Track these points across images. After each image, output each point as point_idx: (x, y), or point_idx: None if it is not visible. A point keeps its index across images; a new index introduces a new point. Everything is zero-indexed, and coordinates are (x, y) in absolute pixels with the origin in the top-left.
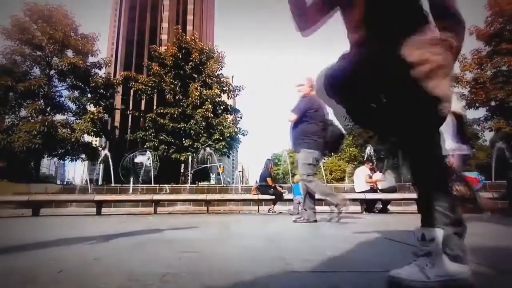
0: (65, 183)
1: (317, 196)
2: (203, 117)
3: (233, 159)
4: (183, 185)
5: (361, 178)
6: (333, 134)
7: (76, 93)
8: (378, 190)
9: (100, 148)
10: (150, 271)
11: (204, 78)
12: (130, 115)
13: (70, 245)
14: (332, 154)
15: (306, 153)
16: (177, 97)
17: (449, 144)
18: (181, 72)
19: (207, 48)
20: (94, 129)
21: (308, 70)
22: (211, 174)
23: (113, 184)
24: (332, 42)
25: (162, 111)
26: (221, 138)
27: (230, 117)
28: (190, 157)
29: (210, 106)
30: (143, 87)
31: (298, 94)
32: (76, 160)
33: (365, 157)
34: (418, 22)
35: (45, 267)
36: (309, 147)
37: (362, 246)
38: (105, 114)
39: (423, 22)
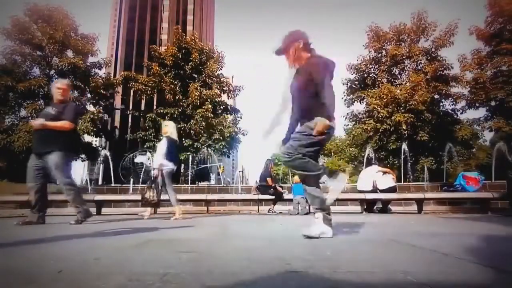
0: None
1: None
2: (203, 117)
3: (233, 159)
4: (183, 185)
5: (368, 178)
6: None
7: (76, 93)
8: (378, 190)
9: (100, 148)
10: (150, 271)
11: (204, 78)
12: (130, 115)
13: (70, 245)
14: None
15: (63, 155)
16: (177, 97)
17: (160, 160)
18: (181, 72)
19: (207, 48)
20: (94, 129)
21: None
22: (211, 174)
23: (113, 184)
24: (332, 44)
25: (162, 111)
26: (221, 138)
27: (230, 117)
28: (190, 157)
29: (210, 106)
30: (143, 87)
31: (57, 97)
32: (76, 160)
33: (365, 158)
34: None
35: (45, 267)
36: (64, 149)
37: (362, 246)
38: (105, 114)
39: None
